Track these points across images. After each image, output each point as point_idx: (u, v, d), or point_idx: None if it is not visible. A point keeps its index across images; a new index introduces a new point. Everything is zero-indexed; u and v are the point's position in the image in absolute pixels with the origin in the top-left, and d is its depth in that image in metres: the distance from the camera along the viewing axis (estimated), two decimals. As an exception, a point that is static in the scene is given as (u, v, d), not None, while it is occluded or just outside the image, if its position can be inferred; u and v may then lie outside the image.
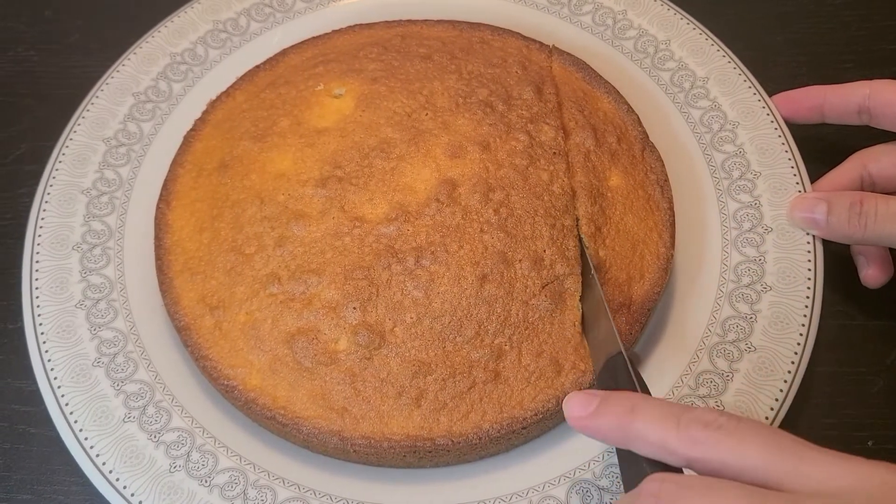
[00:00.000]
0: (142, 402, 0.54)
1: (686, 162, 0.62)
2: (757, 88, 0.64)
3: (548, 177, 0.56)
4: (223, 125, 0.62)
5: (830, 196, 0.56)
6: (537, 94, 0.60)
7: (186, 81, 0.67)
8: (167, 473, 0.51)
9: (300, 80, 0.61)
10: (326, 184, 0.55)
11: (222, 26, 0.69)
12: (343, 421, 0.50)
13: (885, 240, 0.54)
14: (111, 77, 0.66)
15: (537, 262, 0.53)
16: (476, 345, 0.51)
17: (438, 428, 0.50)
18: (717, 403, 0.53)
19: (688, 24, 0.68)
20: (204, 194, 0.58)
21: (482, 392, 0.51)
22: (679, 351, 0.55)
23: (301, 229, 0.54)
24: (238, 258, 0.54)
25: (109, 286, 0.58)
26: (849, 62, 0.73)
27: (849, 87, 0.60)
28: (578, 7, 0.69)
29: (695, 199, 0.61)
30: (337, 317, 0.52)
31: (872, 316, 0.61)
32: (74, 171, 0.62)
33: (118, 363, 0.55)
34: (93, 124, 0.64)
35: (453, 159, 0.56)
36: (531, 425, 0.51)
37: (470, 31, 0.65)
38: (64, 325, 0.56)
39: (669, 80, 0.66)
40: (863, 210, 0.54)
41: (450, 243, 0.53)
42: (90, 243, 0.59)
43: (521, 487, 0.51)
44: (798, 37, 0.74)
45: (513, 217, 0.54)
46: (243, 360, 0.52)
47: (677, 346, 0.56)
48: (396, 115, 0.58)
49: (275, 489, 0.51)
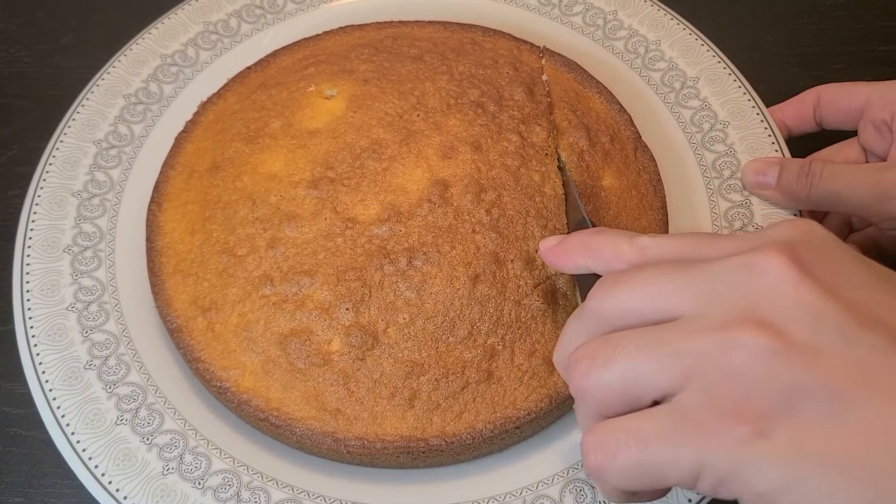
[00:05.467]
0: (134, 404, 0.53)
1: (677, 161, 0.63)
2: (747, 88, 0.64)
3: (539, 178, 0.56)
4: (214, 127, 0.61)
5: (783, 160, 0.60)
6: (529, 94, 0.60)
7: (177, 83, 0.67)
8: (160, 476, 0.51)
9: (291, 82, 0.61)
10: (318, 185, 0.55)
11: (213, 28, 0.69)
12: (336, 422, 0.50)
13: (828, 199, 0.57)
14: (101, 79, 0.66)
15: (529, 262, 0.53)
16: (469, 345, 0.51)
17: (432, 428, 0.50)
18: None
19: (678, 24, 0.68)
20: (195, 196, 0.58)
21: (475, 392, 0.51)
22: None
23: (293, 230, 0.54)
24: (230, 260, 0.54)
25: (101, 288, 0.58)
26: (840, 63, 0.73)
27: (800, 97, 0.63)
28: (569, 8, 0.70)
29: (686, 198, 0.61)
30: (330, 318, 0.52)
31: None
32: (65, 174, 0.62)
33: (110, 366, 0.55)
34: (83, 126, 0.64)
35: (445, 160, 0.56)
36: (524, 425, 0.51)
37: (461, 31, 0.65)
38: (55, 328, 0.56)
39: (660, 81, 0.66)
40: (810, 170, 0.57)
41: (442, 244, 0.53)
42: (81, 245, 0.59)
43: (515, 487, 0.51)
44: (789, 37, 0.75)
45: (505, 217, 0.54)
46: (236, 362, 0.52)
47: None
48: (388, 116, 0.58)
49: (268, 491, 0.51)
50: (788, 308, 0.35)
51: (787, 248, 0.36)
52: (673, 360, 0.36)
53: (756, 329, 0.35)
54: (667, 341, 0.36)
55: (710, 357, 0.35)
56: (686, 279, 0.38)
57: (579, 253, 0.44)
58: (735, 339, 0.35)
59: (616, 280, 0.40)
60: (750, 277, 0.36)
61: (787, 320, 0.35)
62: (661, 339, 0.37)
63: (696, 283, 0.37)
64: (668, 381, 0.36)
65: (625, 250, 0.42)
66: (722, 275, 0.37)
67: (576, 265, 0.45)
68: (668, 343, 0.36)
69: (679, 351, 0.36)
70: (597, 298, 0.40)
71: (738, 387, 0.35)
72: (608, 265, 0.42)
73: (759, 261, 0.36)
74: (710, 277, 0.37)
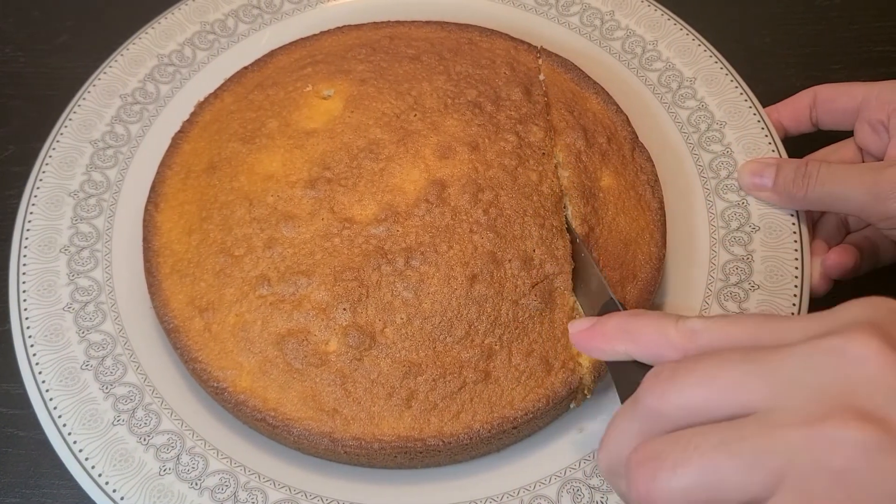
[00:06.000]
0: (131, 404, 0.53)
1: (673, 162, 0.63)
2: (744, 89, 0.64)
3: (537, 177, 0.56)
4: (211, 127, 0.61)
5: (780, 160, 0.60)
6: (526, 94, 0.60)
7: (174, 83, 0.66)
8: (157, 476, 0.51)
9: (288, 82, 0.61)
10: (315, 185, 0.55)
11: (210, 28, 0.69)
12: (334, 422, 0.50)
13: (825, 199, 0.57)
14: (98, 79, 0.66)
15: (527, 261, 0.53)
16: (466, 345, 0.51)
17: (429, 428, 0.50)
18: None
19: (675, 24, 0.68)
20: (192, 196, 0.58)
21: (472, 392, 0.51)
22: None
23: (290, 231, 0.54)
24: (227, 260, 0.54)
25: (98, 289, 0.57)
26: (836, 63, 0.73)
27: (796, 97, 0.63)
28: (566, 8, 0.70)
29: (683, 198, 0.61)
30: (327, 318, 0.52)
31: (860, 314, 0.62)
32: (62, 174, 0.62)
33: (107, 366, 0.55)
34: (80, 126, 0.64)
35: (442, 160, 0.56)
36: (522, 425, 0.51)
37: (458, 31, 0.65)
38: (52, 328, 0.56)
39: (657, 81, 0.66)
40: (807, 171, 0.57)
41: (439, 244, 0.53)
42: (78, 246, 0.59)
43: (512, 487, 0.51)
44: (786, 38, 0.75)
45: (502, 217, 0.54)
46: (233, 362, 0.52)
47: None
48: (385, 116, 0.58)
49: (265, 491, 0.51)
50: (891, 396, 0.32)
51: (877, 330, 0.33)
52: (761, 461, 0.32)
53: (857, 421, 0.31)
54: (750, 438, 0.32)
55: (805, 455, 0.31)
56: (759, 368, 0.34)
57: (617, 338, 0.41)
58: (833, 434, 0.31)
59: (674, 372, 0.35)
60: (840, 363, 0.32)
61: (890, 410, 0.31)
62: (743, 436, 0.32)
63: (772, 373, 0.34)
64: (757, 485, 0.32)
65: (673, 335, 0.38)
66: (804, 362, 0.33)
67: (613, 351, 0.41)
68: (753, 440, 0.32)
69: (767, 449, 0.32)
70: (654, 394, 0.35)
71: (843, 489, 0.31)
72: (654, 352, 0.39)
73: (850, 345, 0.33)
74: (790, 365, 0.33)
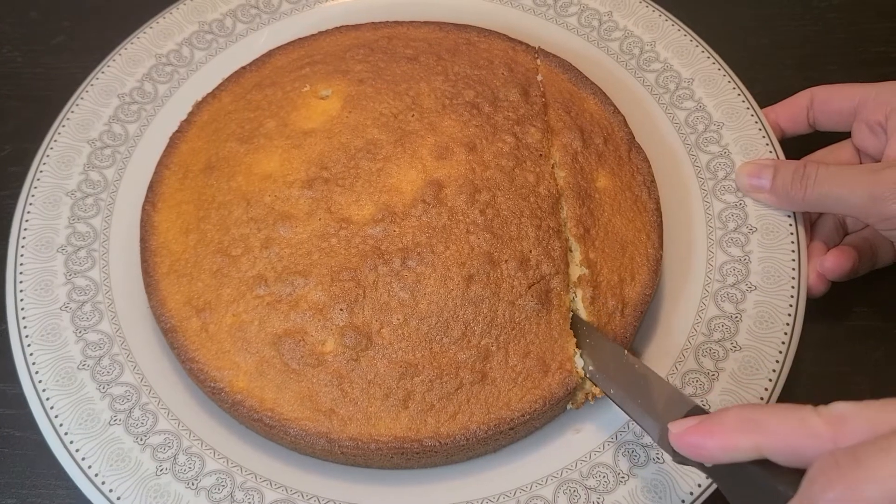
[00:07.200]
0: (128, 404, 0.53)
1: (671, 162, 0.63)
2: (741, 90, 0.64)
3: (534, 178, 0.56)
4: (209, 126, 0.61)
5: (777, 162, 0.60)
6: (523, 95, 0.60)
7: (172, 83, 0.66)
8: (154, 476, 0.51)
9: (286, 82, 0.61)
10: (313, 185, 0.55)
11: (208, 27, 0.69)
12: (330, 422, 0.50)
13: (823, 201, 0.56)
14: (96, 78, 0.66)
15: (523, 262, 0.53)
16: (463, 346, 0.51)
17: (426, 429, 0.50)
18: (702, 402, 0.53)
19: (673, 25, 0.68)
20: (190, 196, 0.58)
21: (469, 393, 0.51)
22: (665, 351, 0.55)
23: (287, 231, 0.54)
24: (224, 260, 0.54)
25: (95, 288, 0.57)
26: (833, 64, 0.73)
27: (793, 98, 0.63)
28: (564, 9, 0.70)
29: (680, 199, 0.61)
30: (324, 318, 0.52)
31: (857, 316, 0.62)
32: (59, 173, 0.62)
33: (104, 366, 0.55)
34: (77, 126, 0.64)
35: (440, 160, 0.56)
36: (518, 426, 0.51)
37: (456, 32, 0.65)
38: (49, 328, 0.56)
39: (655, 82, 0.66)
40: (804, 173, 0.57)
41: (436, 244, 0.53)
42: (75, 245, 0.59)
43: (509, 488, 0.51)
44: (783, 39, 0.75)
45: (499, 218, 0.54)
46: (230, 363, 0.52)
47: (663, 346, 0.56)
48: (383, 117, 0.58)
49: (262, 491, 0.51)
50: None
51: None
52: None
53: None
54: None
55: None
56: None
57: (739, 433, 0.36)
58: None
59: (850, 467, 0.32)
60: None
61: None
62: None
63: None
64: None
65: (817, 424, 0.34)
66: None
67: (736, 447, 0.36)
68: None
69: None
70: (834, 494, 0.32)
71: None
72: (794, 444, 0.35)
73: None
74: None
